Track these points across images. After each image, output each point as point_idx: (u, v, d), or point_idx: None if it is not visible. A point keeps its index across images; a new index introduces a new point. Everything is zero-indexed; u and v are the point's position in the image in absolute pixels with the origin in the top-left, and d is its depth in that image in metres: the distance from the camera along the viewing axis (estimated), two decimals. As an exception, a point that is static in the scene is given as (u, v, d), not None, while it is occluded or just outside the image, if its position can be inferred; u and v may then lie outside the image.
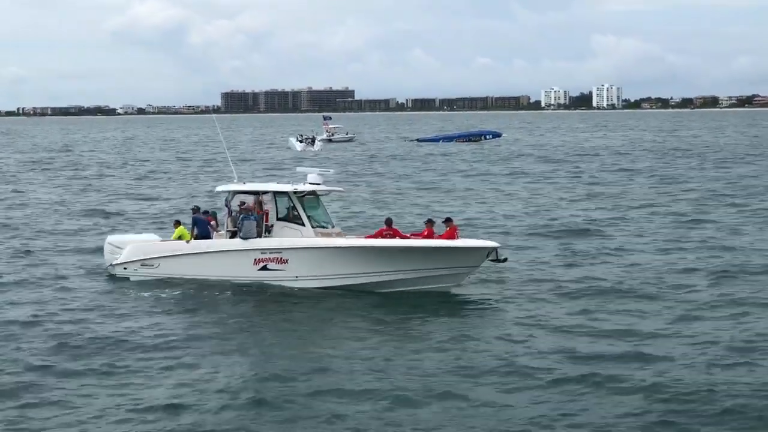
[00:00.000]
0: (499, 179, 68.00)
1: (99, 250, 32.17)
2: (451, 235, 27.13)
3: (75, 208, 51.55)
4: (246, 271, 27.78)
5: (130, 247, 29.83)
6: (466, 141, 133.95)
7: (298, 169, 30.97)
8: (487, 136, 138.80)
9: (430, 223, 28.13)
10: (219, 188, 31.04)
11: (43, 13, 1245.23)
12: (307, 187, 28.38)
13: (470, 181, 66.93)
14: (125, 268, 29.60)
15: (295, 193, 27.99)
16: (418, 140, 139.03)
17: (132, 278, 29.32)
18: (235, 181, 30.59)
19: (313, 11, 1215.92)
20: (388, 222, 28.35)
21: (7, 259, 34.22)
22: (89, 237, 39.31)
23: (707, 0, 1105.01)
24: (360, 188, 61.31)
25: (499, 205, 50.89)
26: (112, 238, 31.20)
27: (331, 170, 31.77)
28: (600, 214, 45.85)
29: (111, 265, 30.09)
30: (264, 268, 27.67)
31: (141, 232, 34.84)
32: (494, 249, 26.77)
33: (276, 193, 28.43)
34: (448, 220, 28.11)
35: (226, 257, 28.16)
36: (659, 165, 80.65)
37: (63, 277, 30.56)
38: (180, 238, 29.53)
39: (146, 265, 29.30)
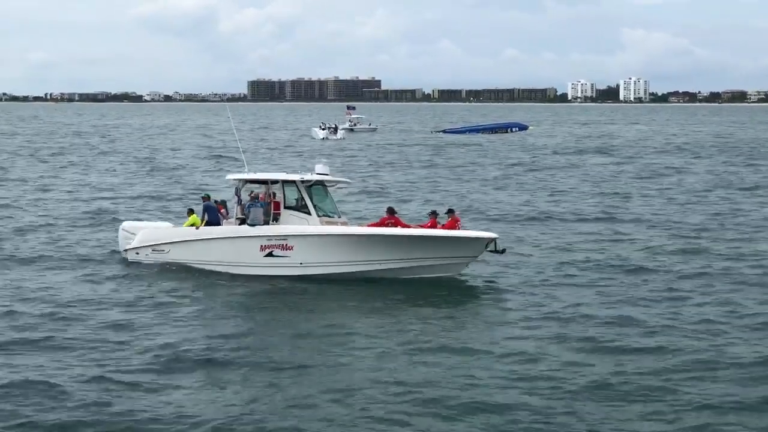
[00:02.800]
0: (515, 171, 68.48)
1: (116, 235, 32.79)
2: (452, 226, 27.70)
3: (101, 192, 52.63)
4: (252, 257, 28.42)
5: (142, 232, 30.61)
6: (491, 133, 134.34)
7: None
8: (513, 129, 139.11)
9: (433, 214, 28.69)
10: (229, 176, 31.70)
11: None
12: (314, 177, 29.03)
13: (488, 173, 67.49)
14: (137, 253, 30.39)
15: (302, 182, 28.65)
16: (444, 131, 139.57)
17: (144, 262, 30.07)
18: (245, 170, 31.18)
19: (343, 1, 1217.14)
20: (390, 211, 28.95)
21: (25, 239, 35.35)
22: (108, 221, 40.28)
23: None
24: (371, 180, 61.94)
25: (511, 194, 51.47)
26: (126, 225, 32.00)
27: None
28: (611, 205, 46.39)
29: (124, 250, 30.91)
30: (270, 254, 28.29)
31: (156, 220, 35.71)
32: (493, 240, 27.28)
33: (284, 182, 29.05)
34: (450, 211, 28.76)
35: (233, 243, 28.81)
36: None
37: (79, 260, 31.46)
38: (192, 225, 30.23)
39: (157, 251, 30.04)
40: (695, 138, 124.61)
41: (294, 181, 28.80)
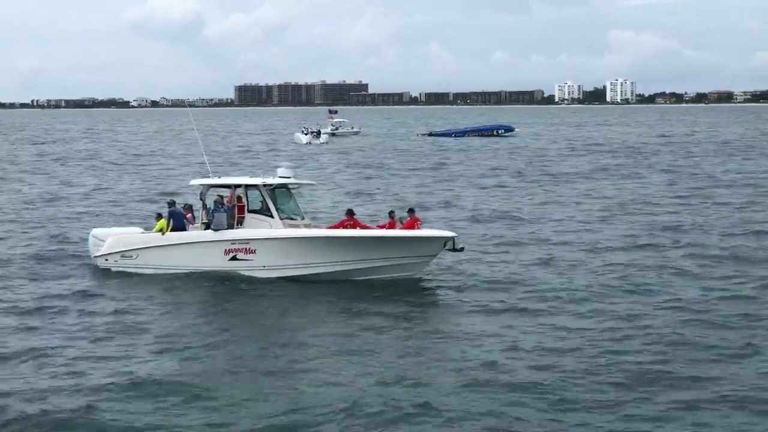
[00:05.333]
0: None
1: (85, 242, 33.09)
2: (411, 225, 28.24)
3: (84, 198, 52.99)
4: (217, 261, 28.89)
5: (111, 239, 30.97)
6: (478, 135, 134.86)
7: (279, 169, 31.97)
8: (500, 131, 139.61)
9: (392, 213, 29.39)
10: (192, 182, 32.17)
11: (60, 4, 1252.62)
12: (276, 180, 29.54)
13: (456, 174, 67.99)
14: (106, 260, 30.73)
15: (264, 186, 29.08)
16: (430, 134, 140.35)
17: (113, 269, 30.40)
18: (209, 175, 31.63)
19: (331, 4, 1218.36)
20: (350, 212, 29.48)
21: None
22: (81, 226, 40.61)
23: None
24: (350, 182, 62.35)
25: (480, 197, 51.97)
26: (96, 231, 32.28)
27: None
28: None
29: (94, 256, 31.28)
30: (234, 258, 28.76)
31: (126, 225, 35.99)
32: (451, 238, 27.80)
33: (247, 186, 29.48)
34: (410, 211, 29.27)
35: (198, 248, 29.27)
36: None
37: (47, 266, 31.84)
38: (161, 230, 30.61)
39: (126, 257, 30.42)
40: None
41: (256, 185, 29.23)
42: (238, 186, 29.78)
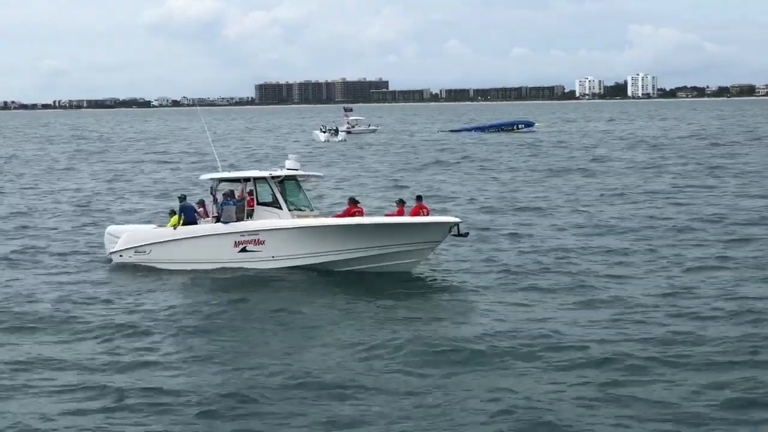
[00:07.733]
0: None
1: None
2: (417, 212, 28.79)
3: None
4: (227, 254, 29.37)
5: (125, 235, 31.56)
6: (498, 131, 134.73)
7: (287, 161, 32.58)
8: (520, 126, 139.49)
9: (400, 202, 29.97)
10: (203, 177, 32.74)
11: (80, 4, 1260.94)
12: (284, 172, 30.06)
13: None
14: (121, 256, 31.31)
15: (272, 178, 29.57)
16: (451, 131, 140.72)
17: (128, 264, 30.84)
18: (219, 169, 32.16)
19: (349, 1, 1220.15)
20: (353, 201, 29.90)
21: (13, 240, 36.63)
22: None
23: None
24: (364, 178, 62.74)
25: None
26: (111, 228, 33.04)
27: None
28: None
29: (109, 252, 31.88)
30: (243, 249, 29.20)
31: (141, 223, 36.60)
32: (456, 224, 28.14)
33: (256, 179, 29.96)
34: (418, 198, 29.90)
35: (209, 241, 29.76)
36: None
37: (64, 261, 32.50)
38: (174, 226, 31.08)
39: (139, 252, 30.98)
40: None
41: (265, 178, 29.70)
42: (247, 179, 30.24)
